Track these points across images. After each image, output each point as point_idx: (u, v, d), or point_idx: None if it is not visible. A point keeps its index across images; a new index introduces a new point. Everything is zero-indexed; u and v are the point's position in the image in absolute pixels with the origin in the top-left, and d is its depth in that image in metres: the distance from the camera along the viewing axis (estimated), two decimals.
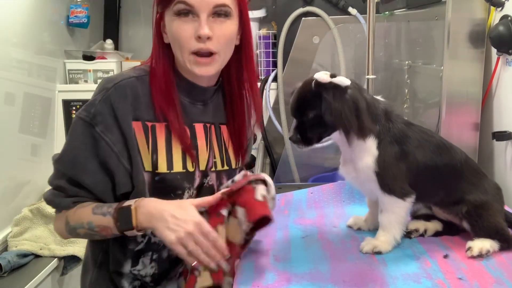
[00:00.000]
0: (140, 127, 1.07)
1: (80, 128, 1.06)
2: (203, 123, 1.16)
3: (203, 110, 1.16)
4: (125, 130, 1.05)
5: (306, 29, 2.30)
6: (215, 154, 1.17)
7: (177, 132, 1.09)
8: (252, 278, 0.96)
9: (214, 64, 1.07)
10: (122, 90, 1.06)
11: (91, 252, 1.18)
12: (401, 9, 1.93)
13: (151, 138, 1.08)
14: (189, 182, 1.12)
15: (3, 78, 1.96)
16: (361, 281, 0.93)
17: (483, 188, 1.06)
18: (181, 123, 1.10)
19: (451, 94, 1.46)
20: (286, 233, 1.17)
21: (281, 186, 1.75)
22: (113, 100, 1.05)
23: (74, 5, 2.55)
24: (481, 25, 1.42)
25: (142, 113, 1.08)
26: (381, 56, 2.13)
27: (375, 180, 1.02)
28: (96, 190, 1.07)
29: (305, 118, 1.00)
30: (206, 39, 1.03)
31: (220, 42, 1.05)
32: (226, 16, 1.06)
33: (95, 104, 1.05)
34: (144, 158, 1.07)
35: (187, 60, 1.06)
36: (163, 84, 1.09)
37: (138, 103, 1.07)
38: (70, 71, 2.54)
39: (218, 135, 1.19)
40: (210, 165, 1.16)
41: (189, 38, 1.04)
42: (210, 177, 1.16)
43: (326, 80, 0.97)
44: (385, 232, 1.05)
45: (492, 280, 0.91)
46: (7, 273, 1.77)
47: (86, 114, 1.05)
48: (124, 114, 1.05)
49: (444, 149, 1.06)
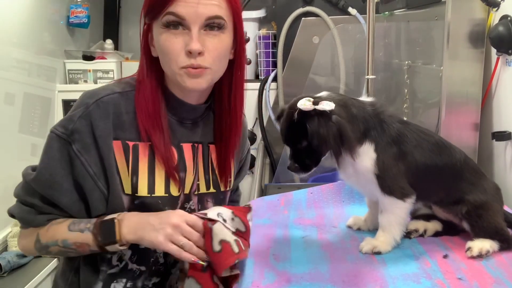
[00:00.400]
0: (120, 147, 1.00)
1: (56, 145, 1.00)
2: (192, 143, 1.09)
3: (192, 129, 1.10)
4: (104, 151, 0.99)
5: (306, 29, 2.30)
6: (199, 176, 1.11)
7: (162, 155, 1.02)
8: (252, 278, 0.96)
9: (205, 76, 0.99)
10: (104, 107, 0.99)
11: (61, 271, 1.12)
12: (401, 9, 1.92)
13: (131, 158, 1.01)
14: (171, 207, 1.04)
15: (3, 78, 1.96)
16: (361, 281, 0.93)
17: (483, 188, 1.06)
18: (167, 145, 1.03)
19: (451, 94, 1.46)
20: (286, 233, 1.17)
21: (281, 186, 1.75)
22: (94, 117, 0.98)
23: (74, 5, 2.55)
24: (480, 25, 1.42)
25: (125, 132, 1.01)
26: (381, 56, 2.13)
27: (375, 182, 1.02)
28: (72, 210, 1.02)
29: (298, 146, 1.00)
30: (197, 54, 0.96)
31: (213, 57, 0.98)
32: (219, 29, 0.98)
33: (73, 120, 0.99)
34: (124, 180, 1.01)
35: (177, 74, 0.98)
36: (149, 103, 1.02)
37: (120, 121, 1.00)
38: (70, 71, 2.54)
39: (205, 155, 1.12)
40: (194, 188, 1.10)
41: (178, 52, 0.96)
42: (192, 201, 1.10)
43: (310, 108, 0.96)
44: (385, 232, 1.05)
45: (492, 280, 0.91)
46: (7, 273, 1.78)
47: (63, 131, 0.99)
48: (104, 134, 0.99)
49: (443, 149, 1.06)
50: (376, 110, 1.03)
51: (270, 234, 1.16)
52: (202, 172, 1.12)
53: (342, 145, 0.96)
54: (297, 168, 1.02)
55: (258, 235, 1.15)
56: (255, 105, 2.41)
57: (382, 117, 1.02)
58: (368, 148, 1.01)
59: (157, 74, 1.04)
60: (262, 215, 1.29)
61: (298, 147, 1.00)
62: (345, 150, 0.97)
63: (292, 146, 1.02)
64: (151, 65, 1.04)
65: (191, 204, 1.09)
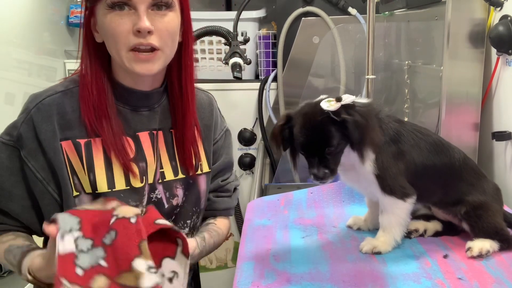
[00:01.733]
0: (71, 146, 0.98)
1: (4, 153, 0.99)
2: (149, 131, 1.06)
3: (149, 116, 1.06)
4: (50, 155, 0.97)
5: (306, 29, 2.30)
6: (162, 163, 1.08)
7: (112, 147, 0.99)
8: (252, 278, 0.96)
9: (156, 61, 0.96)
10: (46, 110, 0.97)
11: None
12: (401, 9, 1.92)
13: (85, 156, 0.99)
14: (135, 200, 1.02)
15: (3, 78, 1.96)
16: (361, 281, 0.93)
17: (482, 188, 1.06)
18: (117, 136, 1.00)
19: (451, 94, 1.45)
20: (286, 233, 1.17)
21: (281, 186, 1.75)
22: (36, 122, 0.96)
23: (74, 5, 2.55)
24: (481, 25, 1.42)
25: (73, 131, 0.98)
26: (381, 56, 2.13)
27: (376, 183, 1.02)
28: (22, 218, 1.01)
29: (327, 151, 0.96)
30: (146, 34, 0.92)
31: (163, 37, 0.95)
32: (167, 8, 0.95)
33: (17, 126, 0.98)
34: (82, 179, 0.99)
35: (125, 58, 0.94)
36: (94, 94, 0.98)
37: (66, 121, 0.98)
38: (70, 71, 2.54)
39: (168, 141, 1.09)
40: (157, 177, 1.07)
41: (126, 33, 0.92)
42: (158, 189, 1.07)
43: (338, 106, 0.94)
44: (385, 233, 1.05)
45: (492, 280, 0.91)
46: (7, 273, 1.77)
47: (9, 138, 0.99)
48: (48, 137, 0.97)
49: (442, 148, 1.06)
50: (376, 110, 1.03)
51: (270, 234, 1.16)
52: (167, 159, 1.09)
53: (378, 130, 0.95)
54: (327, 174, 0.97)
55: (258, 235, 1.15)
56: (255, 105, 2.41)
57: (380, 117, 1.02)
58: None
59: (102, 62, 1.00)
60: (262, 215, 1.29)
61: (327, 152, 0.96)
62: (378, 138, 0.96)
63: (319, 153, 0.97)
64: (95, 53, 1.00)
65: (157, 194, 1.07)
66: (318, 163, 0.96)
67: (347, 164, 1.03)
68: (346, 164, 1.03)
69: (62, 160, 0.97)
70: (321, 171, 0.96)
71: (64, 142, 0.98)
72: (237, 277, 0.98)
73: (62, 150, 0.98)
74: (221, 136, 1.24)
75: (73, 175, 0.99)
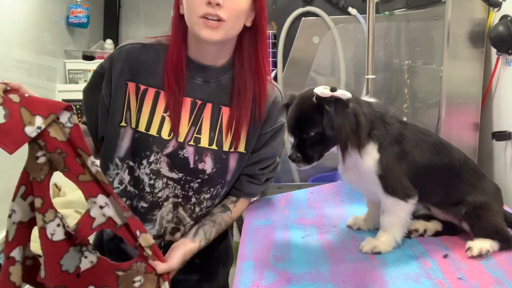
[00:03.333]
0: (134, 88, 1.20)
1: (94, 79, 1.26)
2: (192, 99, 1.21)
3: (201, 86, 1.21)
4: (115, 87, 1.19)
5: (306, 29, 2.29)
6: (202, 130, 1.21)
7: (175, 103, 1.18)
8: (252, 278, 0.96)
9: (220, 30, 1.11)
10: (124, 53, 1.21)
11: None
12: (401, 9, 1.92)
13: (139, 99, 1.19)
14: (158, 147, 1.19)
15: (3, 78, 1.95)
16: (361, 281, 0.93)
17: (482, 188, 1.06)
18: (177, 93, 1.18)
19: (451, 94, 1.46)
20: (286, 233, 1.17)
21: (281, 186, 1.75)
22: (114, 60, 1.21)
23: (74, 5, 2.55)
24: (481, 25, 1.42)
25: (140, 77, 1.20)
26: (381, 56, 2.13)
27: (378, 183, 1.02)
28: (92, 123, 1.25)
29: (305, 136, 0.98)
30: (215, 5, 1.08)
31: (230, 12, 1.10)
32: None
33: (106, 60, 1.24)
34: (133, 116, 1.20)
35: (195, 23, 1.11)
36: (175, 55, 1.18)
37: (136, 66, 1.19)
38: (70, 71, 2.54)
39: (214, 114, 1.22)
40: (188, 138, 1.20)
41: (199, 2, 1.09)
42: (186, 149, 1.20)
43: (327, 94, 0.96)
44: (386, 233, 1.05)
45: (492, 280, 0.91)
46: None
47: (100, 68, 1.25)
48: (116, 74, 1.19)
49: (442, 149, 1.06)
50: (381, 111, 1.03)
51: (270, 234, 1.16)
52: (207, 129, 1.22)
53: (355, 136, 0.95)
54: (299, 158, 1.00)
55: (258, 235, 1.15)
56: None
57: (385, 118, 1.03)
58: (372, 148, 1.01)
59: (184, 33, 1.19)
60: (262, 215, 1.29)
61: (305, 136, 0.98)
62: (354, 145, 0.96)
63: (298, 135, 0.99)
64: (179, 22, 1.18)
65: (184, 152, 1.20)
66: (296, 145, 1.00)
67: (350, 163, 1.03)
68: (349, 163, 1.03)
69: (122, 96, 1.20)
70: (294, 154, 0.99)
71: (130, 83, 1.20)
72: (237, 277, 0.98)
73: (126, 88, 1.20)
74: (271, 130, 1.29)
75: (127, 110, 1.20)
